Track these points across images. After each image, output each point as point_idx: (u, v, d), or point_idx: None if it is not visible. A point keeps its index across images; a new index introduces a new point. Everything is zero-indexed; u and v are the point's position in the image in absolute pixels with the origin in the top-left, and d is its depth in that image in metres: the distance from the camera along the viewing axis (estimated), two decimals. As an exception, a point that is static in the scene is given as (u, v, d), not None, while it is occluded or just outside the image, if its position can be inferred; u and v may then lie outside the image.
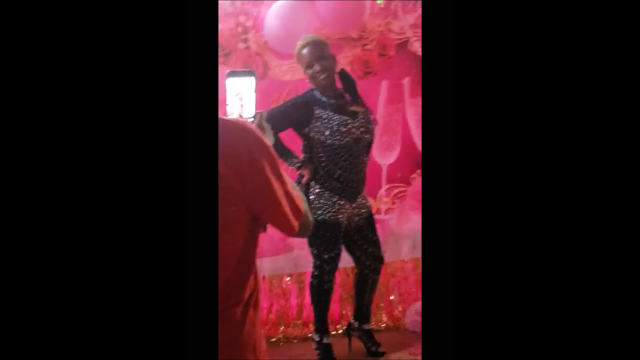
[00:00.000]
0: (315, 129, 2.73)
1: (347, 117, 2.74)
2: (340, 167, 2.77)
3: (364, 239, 2.95)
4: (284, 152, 2.76)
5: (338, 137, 2.72)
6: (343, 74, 2.81)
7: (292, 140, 2.85)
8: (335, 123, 2.71)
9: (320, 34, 2.98)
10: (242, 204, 1.12)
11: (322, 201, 2.79)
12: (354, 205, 2.87)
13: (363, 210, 2.93)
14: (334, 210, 2.80)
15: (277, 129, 2.65)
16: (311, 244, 2.84)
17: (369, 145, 2.96)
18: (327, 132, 2.72)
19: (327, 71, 2.71)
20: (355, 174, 2.81)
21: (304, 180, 2.78)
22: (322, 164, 2.77)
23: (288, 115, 2.71)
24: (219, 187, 1.08)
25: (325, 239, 2.79)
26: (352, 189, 2.82)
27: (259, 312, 1.22)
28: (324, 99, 2.74)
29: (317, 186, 2.80)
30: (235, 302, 1.16)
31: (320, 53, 2.70)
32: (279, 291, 3.37)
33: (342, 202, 2.80)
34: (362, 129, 2.78)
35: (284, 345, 3.22)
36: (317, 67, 2.69)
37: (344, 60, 3.26)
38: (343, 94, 2.81)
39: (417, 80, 3.40)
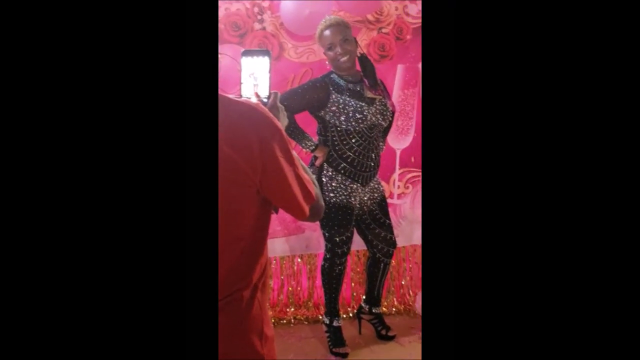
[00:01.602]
0: (331, 113, 2.72)
1: (364, 104, 2.73)
2: (354, 152, 2.77)
3: (376, 222, 2.95)
4: (299, 134, 2.75)
5: (353, 122, 2.72)
6: (363, 58, 2.79)
7: (308, 122, 2.84)
8: (351, 109, 2.70)
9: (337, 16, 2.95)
10: (252, 187, 1.12)
11: (334, 184, 2.79)
12: (366, 189, 2.87)
13: (376, 194, 2.93)
14: (346, 193, 2.80)
15: (293, 111, 2.66)
16: (323, 227, 2.85)
17: (384, 131, 2.96)
18: (342, 117, 2.71)
19: (349, 54, 2.69)
20: (368, 159, 2.82)
21: (317, 162, 2.79)
22: (336, 148, 2.78)
23: (305, 97, 2.70)
24: (229, 170, 1.07)
25: (337, 221, 2.80)
26: (365, 173, 2.82)
27: (266, 294, 1.21)
28: (342, 82, 2.73)
29: (330, 169, 2.80)
30: (244, 286, 1.15)
31: (342, 35, 2.68)
32: (290, 272, 3.38)
33: (354, 186, 2.81)
34: (378, 116, 2.78)
35: (294, 327, 3.24)
36: (338, 49, 2.67)
37: (360, 43, 3.22)
38: (362, 78, 2.79)
39: (434, 65, 3.37)
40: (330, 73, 2.78)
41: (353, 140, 2.76)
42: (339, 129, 2.74)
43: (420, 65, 3.36)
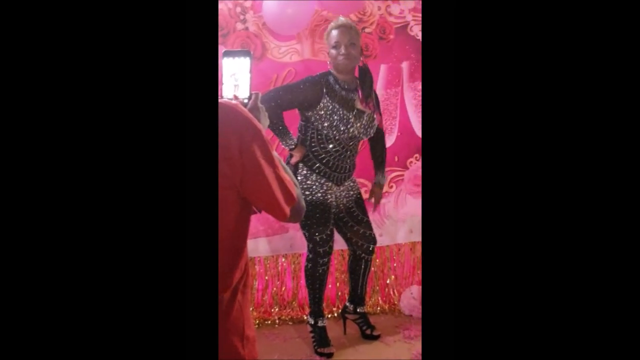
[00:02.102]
0: (317, 116, 2.72)
1: (351, 115, 2.73)
2: (331, 155, 2.79)
3: (354, 220, 2.96)
4: (282, 131, 2.74)
5: (334, 131, 2.73)
6: (364, 69, 2.79)
7: (291, 120, 2.84)
8: (337, 118, 2.71)
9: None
10: (232, 188, 1.11)
11: (309, 182, 2.81)
12: (341, 187, 2.89)
13: (352, 192, 2.95)
14: (322, 191, 2.82)
15: (284, 107, 2.66)
16: (302, 226, 2.86)
17: (379, 145, 3.01)
18: (326, 124, 2.72)
19: (351, 58, 2.68)
20: (344, 162, 2.84)
21: (293, 160, 2.79)
22: (313, 149, 2.79)
23: (298, 97, 2.70)
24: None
25: (315, 220, 2.80)
26: (340, 174, 2.85)
27: (247, 295, 1.21)
28: (336, 87, 2.72)
29: (305, 168, 2.81)
30: (224, 288, 1.15)
31: (350, 39, 2.67)
32: (274, 272, 3.37)
33: (329, 184, 2.83)
34: (361, 130, 2.79)
35: (279, 327, 3.23)
36: (342, 50, 2.66)
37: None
38: (357, 87, 2.78)
39: (416, 64, 3.38)
40: (328, 74, 2.76)
41: (330, 146, 2.78)
42: (319, 132, 2.75)
43: (403, 65, 3.37)
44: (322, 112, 2.71)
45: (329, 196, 2.84)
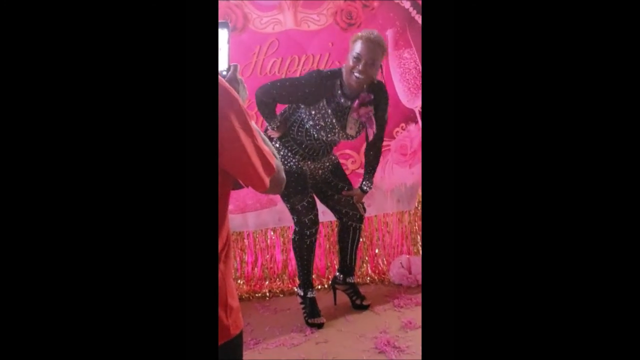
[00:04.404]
0: (307, 112, 2.71)
1: (338, 126, 2.72)
2: (309, 144, 2.82)
3: (333, 189, 2.99)
4: (270, 115, 2.74)
5: (314, 131, 2.74)
6: (379, 86, 2.78)
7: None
8: (323, 123, 2.70)
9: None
10: (210, 158, 1.10)
11: (281, 153, 2.83)
12: (316, 161, 2.91)
13: (327, 164, 2.97)
14: (294, 160, 2.84)
15: (280, 102, 2.68)
16: (283, 197, 2.87)
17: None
18: (311, 122, 2.72)
19: (367, 77, 2.61)
20: (321, 150, 2.87)
21: (270, 133, 2.80)
22: (291, 133, 2.80)
23: (298, 94, 2.65)
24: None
25: (292, 188, 2.81)
26: (314, 155, 2.87)
27: (229, 266, 1.20)
28: (338, 92, 2.67)
29: (279, 142, 2.82)
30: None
31: (373, 56, 2.58)
32: (264, 246, 3.37)
33: (299, 157, 2.86)
34: (342, 136, 2.79)
35: (270, 300, 3.25)
36: (360, 66, 2.57)
37: (327, 12, 3.19)
38: (358, 96, 2.69)
39: (401, 32, 3.34)
40: (338, 75, 2.68)
41: (308, 139, 2.79)
42: (301, 125, 2.76)
43: (388, 33, 3.33)
44: (314, 112, 2.69)
45: (303, 164, 2.86)
